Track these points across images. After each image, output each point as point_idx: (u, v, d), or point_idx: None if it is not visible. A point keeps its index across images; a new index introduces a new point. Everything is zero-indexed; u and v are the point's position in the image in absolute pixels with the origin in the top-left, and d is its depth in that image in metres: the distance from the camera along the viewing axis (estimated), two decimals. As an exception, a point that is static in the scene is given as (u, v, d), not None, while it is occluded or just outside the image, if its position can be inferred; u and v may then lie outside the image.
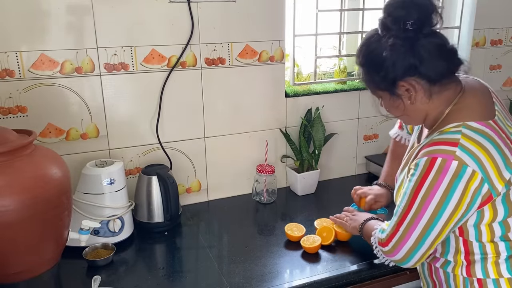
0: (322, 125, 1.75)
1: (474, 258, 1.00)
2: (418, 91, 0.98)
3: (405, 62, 0.95)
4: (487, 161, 0.90)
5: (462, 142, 0.91)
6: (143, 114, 1.54)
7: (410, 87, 0.98)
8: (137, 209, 1.48)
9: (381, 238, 1.05)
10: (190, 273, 1.24)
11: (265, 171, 1.64)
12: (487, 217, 0.95)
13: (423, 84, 0.97)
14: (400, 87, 0.99)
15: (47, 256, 1.17)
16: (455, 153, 0.90)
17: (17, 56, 1.34)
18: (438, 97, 1.00)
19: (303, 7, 1.73)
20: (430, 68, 0.95)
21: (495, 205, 0.94)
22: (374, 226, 1.17)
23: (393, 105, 1.05)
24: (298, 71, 1.79)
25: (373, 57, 1.00)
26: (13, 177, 1.05)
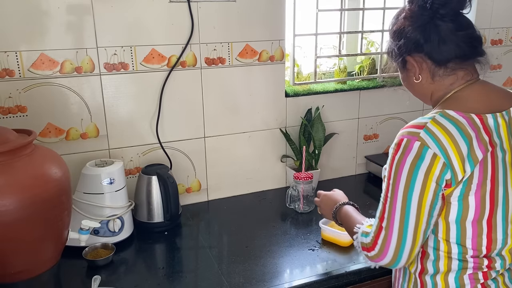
0: (322, 125, 1.75)
1: (427, 261, 0.98)
2: (423, 69, 0.99)
3: (412, 38, 0.97)
4: (450, 147, 0.88)
5: (428, 125, 0.90)
6: (143, 113, 1.54)
7: (415, 63, 0.99)
8: (137, 209, 1.48)
9: (365, 242, 0.98)
10: (190, 273, 1.24)
11: (302, 178, 1.57)
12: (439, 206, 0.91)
13: (428, 63, 0.98)
14: (408, 62, 1.01)
15: (47, 256, 1.17)
16: (418, 134, 0.89)
17: (17, 56, 1.34)
18: (441, 80, 0.99)
19: (303, 7, 1.73)
20: (435, 50, 0.96)
21: (449, 199, 0.91)
22: (353, 224, 1.07)
23: (403, 78, 1.07)
24: (298, 71, 1.79)
25: (392, 29, 1.03)
26: (13, 177, 1.04)
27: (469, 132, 0.90)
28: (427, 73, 0.99)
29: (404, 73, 1.05)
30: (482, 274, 0.96)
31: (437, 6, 0.94)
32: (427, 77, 1.00)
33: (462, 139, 0.89)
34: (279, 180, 1.81)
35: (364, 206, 1.60)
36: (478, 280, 0.96)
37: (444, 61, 0.96)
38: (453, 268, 0.96)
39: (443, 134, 0.89)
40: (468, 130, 0.90)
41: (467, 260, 0.95)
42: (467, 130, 0.90)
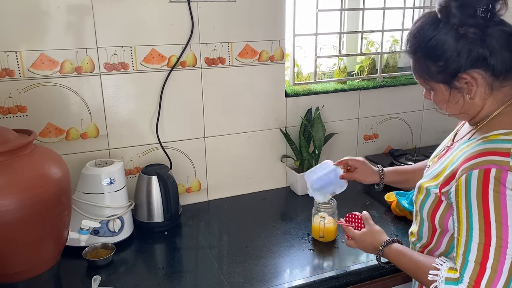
0: (322, 125, 1.75)
1: None
2: (479, 85, 0.90)
3: (473, 52, 0.87)
4: None
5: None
6: (143, 113, 1.54)
7: (472, 80, 0.89)
8: (137, 209, 1.48)
9: (466, 285, 0.83)
10: (190, 273, 1.24)
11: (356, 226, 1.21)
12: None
13: (486, 77, 0.89)
14: (460, 80, 0.90)
15: (47, 256, 1.17)
16: (509, 163, 0.81)
17: (17, 56, 1.34)
18: (497, 93, 0.91)
19: (303, 6, 1.73)
20: (498, 60, 0.87)
21: None
22: (428, 263, 0.93)
23: (447, 99, 0.94)
24: (298, 70, 1.79)
25: (431, 45, 0.90)
26: (13, 177, 1.04)
27: None
28: (483, 88, 0.90)
29: (450, 94, 0.93)
30: None
31: (488, 11, 0.85)
32: (482, 93, 0.91)
33: None
34: (279, 180, 1.81)
35: (364, 206, 1.61)
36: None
37: (504, 70, 0.89)
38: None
39: None
40: None
41: None
42: None
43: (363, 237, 1.13)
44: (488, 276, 0.80)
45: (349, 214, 1.19)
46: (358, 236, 1.13)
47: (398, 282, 1.28)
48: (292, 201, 1.72)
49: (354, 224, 1.17)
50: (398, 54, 1.97)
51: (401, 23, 1.88)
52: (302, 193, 1.73)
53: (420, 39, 0.92)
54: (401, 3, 1.87)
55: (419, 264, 0.96)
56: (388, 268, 1.23)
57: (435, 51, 0.90)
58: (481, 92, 0.91)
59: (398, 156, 1.84)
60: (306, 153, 1.71)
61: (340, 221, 1.20)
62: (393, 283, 1.28)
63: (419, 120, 2.01)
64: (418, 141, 2.04)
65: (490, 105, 0.93)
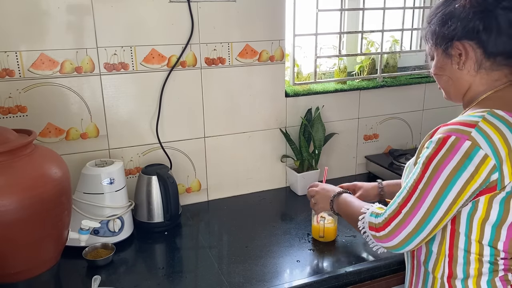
0: (322, 125, 1.75)
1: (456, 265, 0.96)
2: (469, 58, 0.93)
3: (469, 23, 0.91)
4: (502, 149, 0.84)
5: (480, 125, 0.86)
6: (143, 114, 1.54)
7: (463, 50, 0.93)
8: (137, 209, 1.48)
9: (375, 223, 0.97)
10: (190, 273, 1.24)
11: None
12: (479, 212, 0.90)
13: (477, 52, 0.92)
14: (454, 48, 0.94)
15: (47, 256, 1.17)
16: (470, 133, 0.85)
17: (16, 56, 1.34)
18: (486, 74, 0.94)
19: (303, 7, 1.73)
20: (491, 39, 0.90)
21: (491, 202, 0.88)
22: (359, 208, 1.07)
23: (441, 64, 0.99)
24: (298, 71, 1.79)
25: (444, 12, 0.95)
26: (13, 177, 1.04)
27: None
28: (472, 63, 0.94)
29: (443, 60, 0.98)
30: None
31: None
32: (471, 68, 0.94)
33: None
34: (279, 180, 1.81)
35: (364, 206, 1.61)
36: (508, 282, 0.95)
37: (495, 53, 0.91)
38: (484, 272, 0.94)
39: (496, 135, 0.85)
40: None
41: (498, 262, 0.94)
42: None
43: (322, 187, 1.29)
44: (399, 220, 0.92)
45: None
46: (320, 186, 1.30)
47: (398, 282, 1.28)
48: (292, 201, 1.72)
49: None
50: (398, 54, 1.97)
51: (401, 23, 1.88)
52: (302, 193, 1.73)
53: (438, 11, 0.98)
54: (401, 3, 1.87)
55: (358, 206, 1.10)
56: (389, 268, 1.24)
57: (444, 16, 0.95)
58: (469, 66, 0.94)
59: (398, 156, 1.84)
60: (306, 153, 1.71)
61: None
62: (393, 283, 1.28)
63: (419, 120, 2.01)
64: (418, 141, 2.04)
65: (478, 85, 0.96)
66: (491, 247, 0.93)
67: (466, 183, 0.86)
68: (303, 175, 1.71)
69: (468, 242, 0.94)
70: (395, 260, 1.27)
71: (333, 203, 1.23)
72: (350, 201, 1.17)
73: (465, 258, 0.95)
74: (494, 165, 0.84)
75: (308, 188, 1.36)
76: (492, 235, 0.92)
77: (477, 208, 0.90)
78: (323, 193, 1.28)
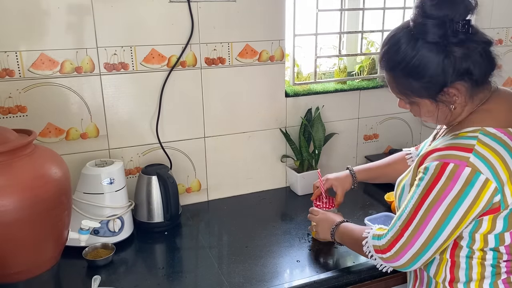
0: (322, 125, 1.75)
1: (458, 270, 0.97)
2: (462, 95, 0.91)
3: (458, 67, 0.88)
4: (502, 170, 0.85)
5: (477, 148, 0.86)
6: (143, 114, 1.54)
7: (456, 92, 0.91)
8: (137, 209, 1.48)
9: (379, 245, 1.00)
10: (190, 273, 1.24)
11: (324, 206, 1.38)
12: (484, 228, 0.91)
13: (468, 87, 0.91)
14: (445, 93, 0.91)
15: (47, 256, 1.17)
16: (468, 159, 0.85)
17: (17, 56, 1.34)
18: (475, 98, 0.94)
19: (303, 7, 1.73)
20: (480, 71, 0.89)
21: (495, 219, 0.89)
22: (360, 233, 1.09)
23: (433, 113, 0.96)
24: (298, 71, 1.79)
25: (414, 64, 0.89)
26: (13, 177, 1.04)
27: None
28: (464, 97, 0.92)
29: (431, 106, 0.95)
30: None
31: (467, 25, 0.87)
32: (463, 101, 0.93)
33: (511, 159, 0.86)
34: (279, 180, 1.81)
35: (364, 206, 1.61)
36: (511, 284, 0.95)
37: (484, 79, 0.92)
38: (487, 275, 0.95)
39: (494, 157, 0.85)
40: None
41: (500, 265, 0.94)
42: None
43: (323, 215, 1.30)
44: (403, 242, 0.94)
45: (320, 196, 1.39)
46: (321, 214, 1.31)
47: (398, 282, 1.28)
48: (292, 201, 1.72)
49: (323, 206, 1.36)
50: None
51: (401, 23, 1.88)
52: (302, 193, 1.73)
53: (399, 58, 0.91)
54: (401, 3, 1.87)
55: (358, 231, 1.12)
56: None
57: (418, 69, 0.89)
58: (461, 101, 0.93)
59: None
60: (306, 153, 1.71)
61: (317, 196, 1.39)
62: (393, 283, 1.28)
63: (419, 120, 1.99)
64: (418, 141, 2.04)
65: (469, 110, 0.95)
66: (494, 251, 0.93)
67: (469, 208, 0.86)
68: (303, 175, 1.71)
69: (470, 251, 0.95)
70: (395, 260, 1.27)
71: (334, 235, 1.24)
72: (350, 229, 1.18)
73: (467, 264, 0.96)
74: (495, 187, 0.85)
75: (309, 214, 1.37)
76: (496, 242, 0.92)
77: (481, 225, 0.91)
78: (323, 224, 1.29)
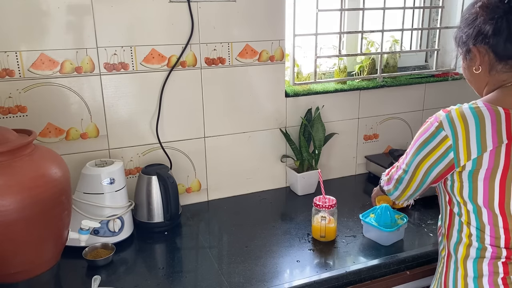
0: (322, 125, 1.75)
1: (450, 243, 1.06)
2: (484, 61, 1.01)
3: (482, 28, 0.97)
4: (461, 134, 0.96)
5: (452, 112, 0.99)
6: (143, 114, 1.54)
7: (477, 54, 1.01)
8: (137, 209, 1.48)
9: (387, 170, 1.25)
10: (190, 273, 1.24)
11: (325, 206, 1.38)
12: (456, 184, 1.01)
13: (491, 56, 0.99)
14: (472, 52, 1.02)
15: (47, 256, 1.17)
16: (440, 117, 1.00)
17: (16, 56, 1.34)
18: (496, 75, 1.01)
19: (303, 7, 1.73)
20: (501, 44, 0.96)
21: (461, 176, 0.99)
22: None
23: (465, 67, 1.08)
24: (298, 70, 1.79)
25: (464, 17, 1.03)
26: (13, 177, 1.04)
27: (485, 123, 0.95)
28: (486, 65, 1.01)
29: (466, 62, 1.06)
30: (503, 265, 0.98)
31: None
32: (485, 70, 1.02)
33: (475, 127, 0.95)
34: (279, 180, 1.81)
35: (364, 206, 1.61)
36: (497, 274, 0.98)
37: (506, 57, 0.98)
38: (472, 254, 1.01)
39: (460, 121, 0.97)
40: (486, 121, 0.95)
41: (486, 247, 0.99)
42: (485, 121, 0.95)
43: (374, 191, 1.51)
44: (393, 170, 1.19)
45: None
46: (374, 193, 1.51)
47: (398, 282, 1.28)
48: (292, 201, 1.72)
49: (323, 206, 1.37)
50: (398, 54, 1.97)
51: (401, 23, 1.88)
52: (302, 193, 1.73)
53: (464, 10, 1.06)
54: (401, 3, 1.87)
55: None
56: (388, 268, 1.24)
57: (465, 21, 1.03)
58: (485, 70, 1.02)
59: (398, 156, 1.82)
60: (306, 153, 1.71)
61: None
62: (393, 283, 1.28)
63: (419, 120, 2.01)
64: (418, 141, 2.04)
65: (491, 85, 1.03)
66: (478, 230, 1.00)
67: (427, 155, 1.03)
68: (303, 175, 1.71)
69: (460, 223, 1.04)
70: (395, 260, 1.27)
71: None
72: None
73: (458, 238, 1.04)
74: (450, 145, 0.98)
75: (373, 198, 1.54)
76: (475, 216, 1.00)
77: (453, 181, 1.02)
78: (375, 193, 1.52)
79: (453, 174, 1.01)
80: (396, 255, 1.28)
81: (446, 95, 2.02)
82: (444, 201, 1.08)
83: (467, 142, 0.96)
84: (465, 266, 1.02)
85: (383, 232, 1.33)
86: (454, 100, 2.03)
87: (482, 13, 0.98)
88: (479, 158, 0.95)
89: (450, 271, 1.05)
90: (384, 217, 1.35)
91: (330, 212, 1.37)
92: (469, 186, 0.98)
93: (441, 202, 1.10)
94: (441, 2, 1.94)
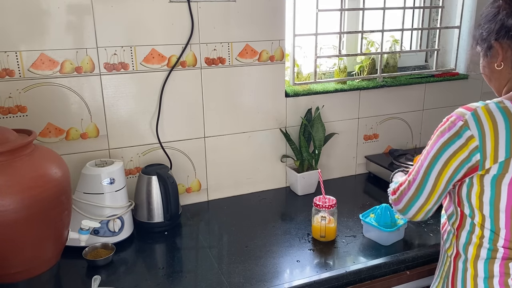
0: (322, 125, 1.75)
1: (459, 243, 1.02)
2: (507, 57, 0.97)
3: (503, 22, 0.94)
4: (489, 134, 0.91)
5: (478, 110, 0.93)
6: (143, 113, 1.54)
7: (499, 49, 0.97)
8: (137, 209, 1.48)
9: (393, 188, 1.13)
10: (190, 273, 1.24)
11: (325, 206, 1.38)
12: (475, 188, 0.96)
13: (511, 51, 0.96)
14: (493, 48, 0.99)
15: (47, 256, 1.17)
16: (465, 115, 0.93)
17: (17, 56, 1.34)
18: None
19: (303, 7, 1.73)
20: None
21: (482, 180, 0.94)
22: (394, 178, 1.26)
23: (485, 64, 1.04)
24: (298, 70, 1.79)
25: (484, 14, 1.01)
26: (13, 177, 1.04)
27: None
28: (509, 61, 0.97)
29: (487, 60, 1.03)
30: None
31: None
32: (508, 66, 0.98)
33: (505, 129, 0.91)
34: (279, 180, 1.81)
35: (364, 206, 1.61)
36: (509, 275, 0.96)
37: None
38: (482, 255, 0.98)
39: (488, 121, 0.92)
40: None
41: (498, 249, 0.97)
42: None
43: None
44: (405, 185, 1.06)
45: None
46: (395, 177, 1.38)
47: (398, 282, 1.28)
48: (292, 201, 1.72)
49: (323, 206, 1.36)
50: (398, 54, 1.97)
51: (401, 23, 1.88)
52: (302, 193, 1.73)
53: (485, 7, 1.03)
54: (401, 3, 1.87)
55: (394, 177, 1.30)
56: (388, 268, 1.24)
57: (486, 17, 1.00)
58: (507, 66, 0.98)
59: (398, 156, 1.84)
60: (306, 153, 1.71)
61: None
62: (393, 283, 1.28)
63: (419, 120, 2.01)
64: (418, 141, 2.04)
65: (511, 85, 0.99)
66: (492, 232, 0.96)
67: (451, 157, 0.95)
68: (303, 175, 1.71)
69: (472, 224, 0.99)
70: (395, 260, 1.27)
71: None
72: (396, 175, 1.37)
73: (467, 239, 1.01)
74: (476, 146, 0.92)
75: None
76: (492, 218, 0.96)
77: (472, 184, 0.97)
78: None
79: (472, 177, 0.95)
80: (396, 255, 1.28)
81: (446, 95, 2.02)
82: (453, 202, 1.03)
83: (496, 143, 0.90)
84: (475, 267, 0.99)
85: (383, 232, 1.33)
86: (454, 100, 2.03)
87: (505, 6, 0.94)
88: (506, 162, 0.90)
89: (458, 271, 1.02)
90: (384, 217, 1.35)
91: (330, 212, 1.37)
92: (491, 190, 0.93)
93: (448, 202, 1.06)
94: (441, 2, 1.94)
